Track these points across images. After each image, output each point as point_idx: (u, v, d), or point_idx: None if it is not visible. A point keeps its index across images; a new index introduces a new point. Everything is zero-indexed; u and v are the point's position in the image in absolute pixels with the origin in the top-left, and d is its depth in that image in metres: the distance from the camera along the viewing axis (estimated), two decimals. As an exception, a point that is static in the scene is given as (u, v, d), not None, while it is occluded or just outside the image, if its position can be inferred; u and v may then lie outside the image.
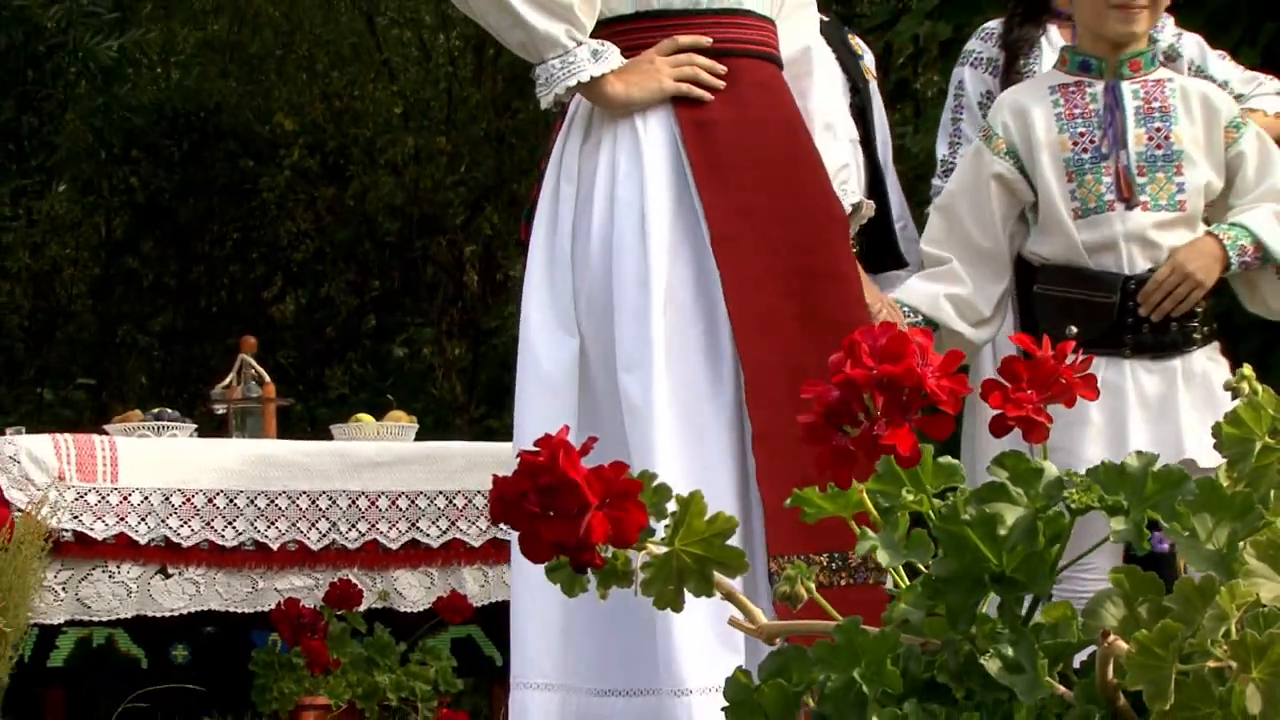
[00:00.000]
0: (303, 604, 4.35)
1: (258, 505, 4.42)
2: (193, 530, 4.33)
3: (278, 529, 4.43)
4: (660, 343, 2.61)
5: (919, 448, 1.26)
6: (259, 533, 4.41)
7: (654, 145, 2.71)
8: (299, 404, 8.83)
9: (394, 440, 4.85)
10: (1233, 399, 1.40)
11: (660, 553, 1.31)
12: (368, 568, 4.53)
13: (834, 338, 2.59)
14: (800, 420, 1.26)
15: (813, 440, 1.26)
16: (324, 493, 4.50)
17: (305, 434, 6.73)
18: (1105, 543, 1.46)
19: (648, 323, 2.61)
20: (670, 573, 1.31)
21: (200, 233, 10.44)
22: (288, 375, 9.49)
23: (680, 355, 2.63)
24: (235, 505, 4.39)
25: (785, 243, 2.71)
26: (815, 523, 2.02)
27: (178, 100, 9.90)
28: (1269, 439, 1.36)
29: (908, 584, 1.34)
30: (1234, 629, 1.18)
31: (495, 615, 4.51)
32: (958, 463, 1.37)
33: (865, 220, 3.05)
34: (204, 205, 10.24)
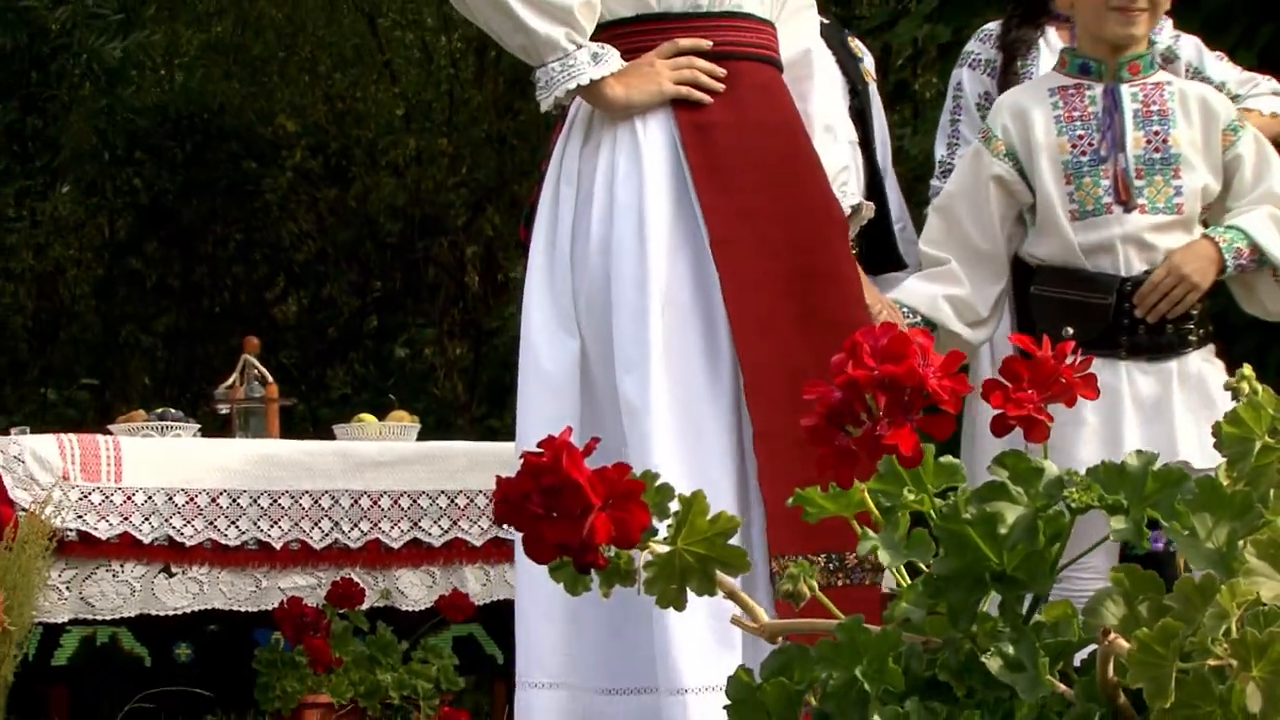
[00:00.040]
0: (305, 603, 4.35)
1: (261, 505, 4.42)
2: (196, 529, 4.33)
3: (280, 528, 4.43)
4: (658, 344, 2.61)
5: (921, 447, 1.26)
6: (262, 532, 4.41)
7: (653, 148, 2.71)
8: (301, 404, 8.83)
9: (396, 440, 4.85)
10: (1233, 399, 1.40)
11: (663, 552, 1.31)
12: (370, 567, 4.53)
13: (833, 338, 2.60)
14: (803, 421, 1.26)
15: (815, 440, 1.26)
16: (326, 492, 4.50)
17: (307, 434, 6.73)
18: (1101, 543, 1.47)
19: (645, 324, 2.61)
20: (673, 572, 1.31)
21: (203, 234, 10.44)
22: (290, 375, 9.49)
23: (679, 356, 2.63)
24: (238, 505, 4.39)
25: (784, 244, 2.71)
26: (816, 523, 2.02)
27: (181, 102, 9.90)
28: (1269, 438, 1.36)
29: (909, 583, 1.34)
30: (1234, 627, 1.18)
31: (497, 614, 4.51)
32: (959, 462, 1.37)
33: (865, 222, 3.05)
34: (207, 206, 10.24)
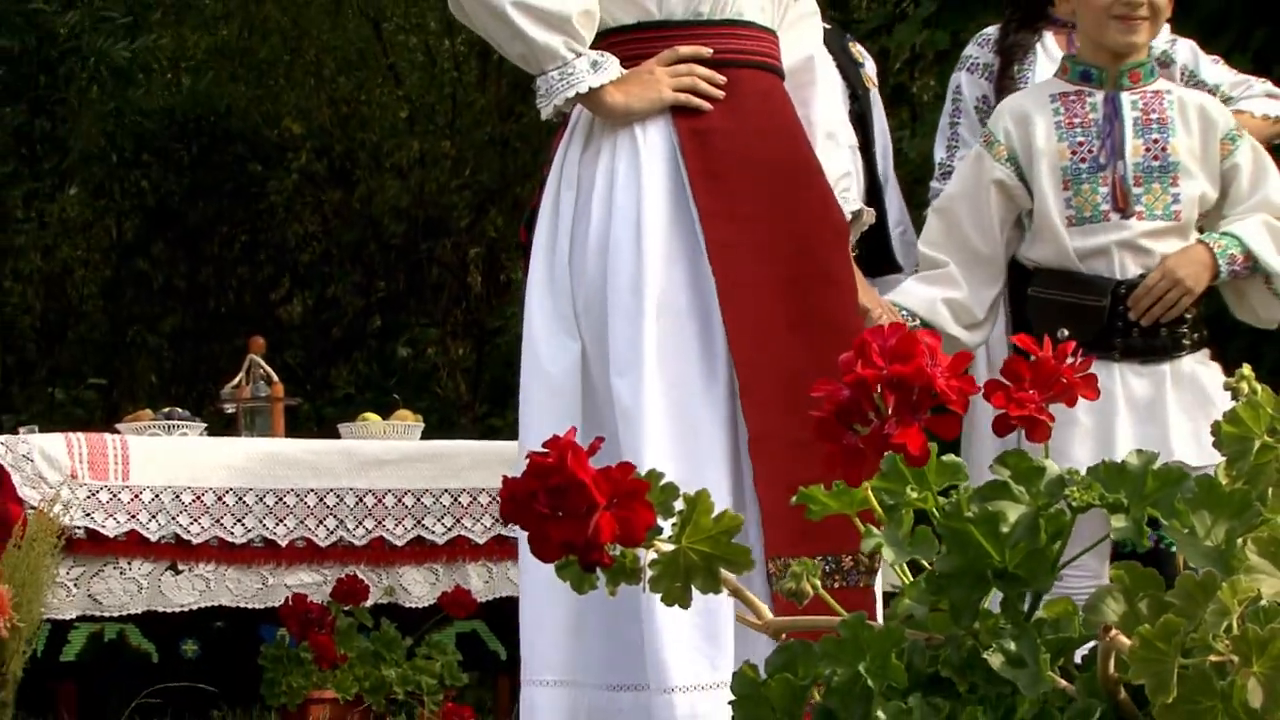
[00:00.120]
0: (311, 599, 4.35)
1: (266, 503, 4.42)
2: (202, 527, 4.33)
3: (286, 526, 4.43)
4: (652, 347, 2.61)
5: (928, 446, 1.26)
6: (268, 530, 4.41)
7: (652, 153, 2.70)
8: (306, 403, 8.83)
9: (400, 439, 4.85)
10: (1232, 399, 1.40)
11: (667, 551, 1.31)
12: (374, 564, 4.53)
13: (831, 342, 2.61)
14: (812, 418, 1.26)
15: (823, 438, 1.25)
16: (331, 490, 4.50)
17: (312, 433, 6.73)
18: (1099, 543, 1.46)
19: (640, 327, 2.61)
20: (678, 570, 1.31)
21: (209, 235, 10.44)
22: (295, 375, 9.48)
23: (674, 359, 2.63)
24: (244, 503, 4.39)
25: (782, 249, 2.70)
26: (812, 525, 2.02)
27: (188, 105, 9.90)
28: (1267, 438, 1.36)
29: (912, 580, 1.34)
30: (1235, 624, 1.18)
31: (499, 610, 4.52)
32: (961, 461, 1.37)
33: (866, 227, 3.04)
34: (213, 208, 10.24)
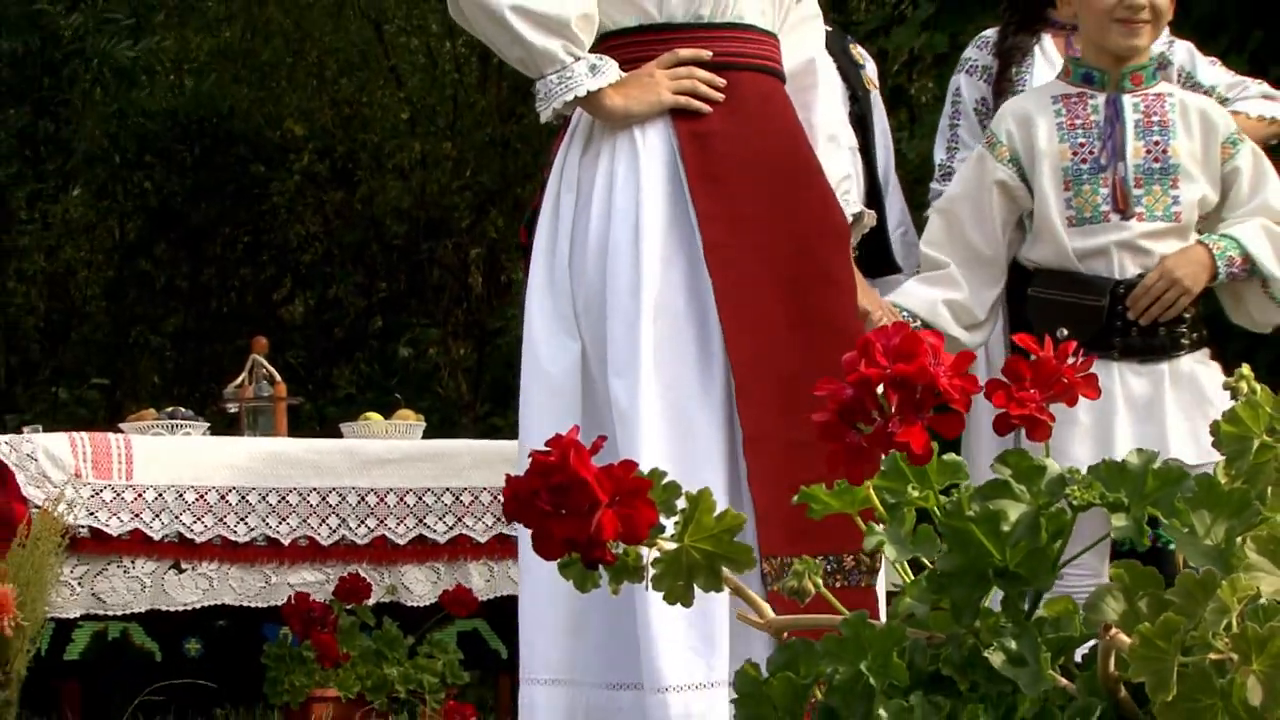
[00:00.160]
0: (313, 598, 4.35)
1: (269, 502, 4.42)
2: (206, 526, 4.33)
3: (289, 525, 4.43)
4: (649, 349, 2.60)
5: (930, 445, 1.26)
6: (270, 528, 4.41)
7: (652, 156, 2.70)
8: (308, 403, 8.83)
9: (402, 438, 4.85)
10: (1231, 398, 1.40)
11: (670, 549, 1.31)
12: (376, 563, 4.53)
13: (829, 343, 2.61)
14: (814, 418, 1.26)
15: (826, 437, 1.25)
16: (334, 489, 4.50)
17: (314, 432, 6.73)
18: (1099, 542, 1.46)
19: (637, 329, 2.61)
20: (680, 568, 1.31)
21: (212, 236, 10.44)
22: (297, 375, 9.48)
23: (671, 361, 2.62)
24: (247, 502, 4.39)
25: (781, 250, 2.70)
26: (807, 524, 2.01)
27: (191, 106, 9.90)
28: (1266, 437, 1.36)
29: (913, 579, 1.34)
30: (1235, 622, 1.18)
31: (500, 609, 4.51)
32: (962, 460, 1.37)
33: (867, 229, 3.04)
34: (216, 209, 10.24)
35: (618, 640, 2.60)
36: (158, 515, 4.27)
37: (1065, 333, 3.05)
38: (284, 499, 4.43)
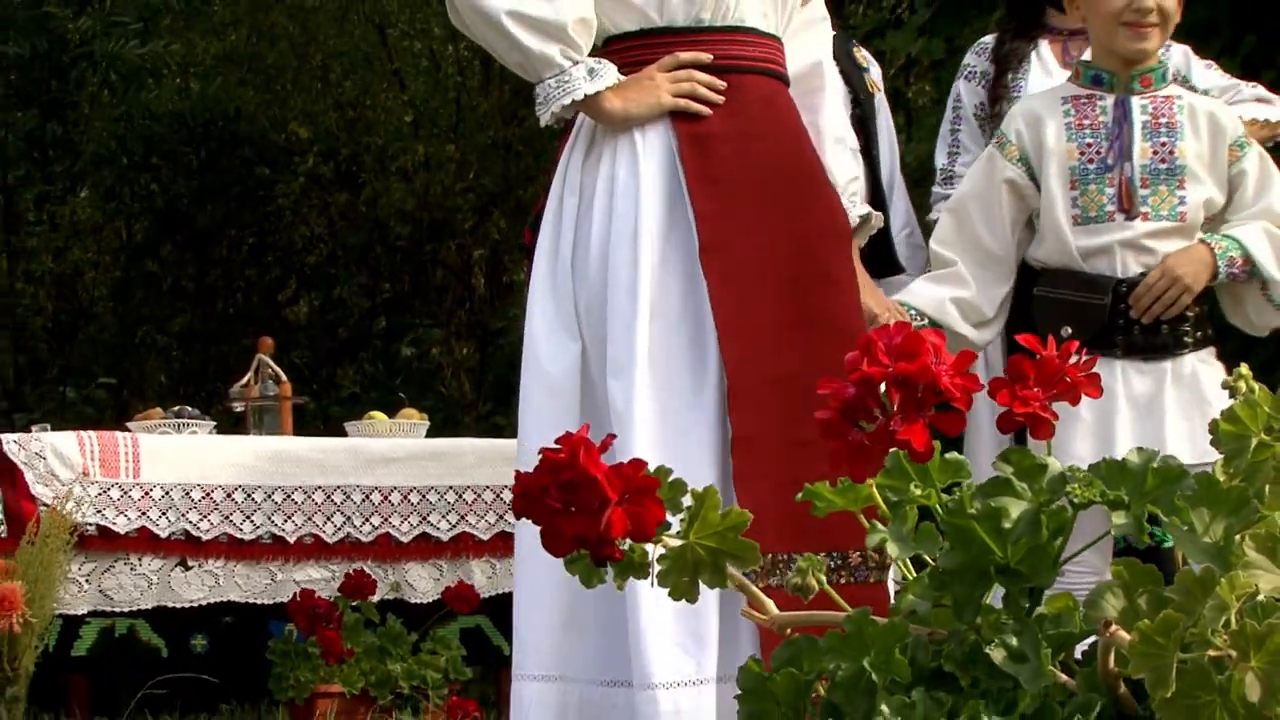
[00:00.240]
0: (318, 595, 4.35)
1: (275, 500, 4.42)
2: (212, 524, 4.33)
3: (294, 523, 4.43)
4: (644, 351, 2.59)
5: (932, 443, 1.26)
6: (276, 526, 4.41)
7: (651, 158, 2.69)
8: (312, 402, 8.82)
9: (405, 437, 4.85)
10: (1230, 397, 1.39)
11: (676, 546, 1.31)
12: (381, 560, 4.53)
13: (829, 343, 2.60)
14: (817, 415, 1.26)
15: (828, 436, 1.25)
16: (339, 487, 4.50)
17: (319, 431, 6.72)
18: (1099, 540, 1.46)
19: (634, 331, 2.60)
20: (685, 565, 1.31)
21: (218, 237, 10.44)
22: (301, 374, 9.48)
23: (664, 363, 2.61)
24: (253, 500, 4.39)
25: (781, 251, 2.68)
26: (795, 521, 2.01)
27: (197, 109, 9.90)
28: (1264, 436, 1.36)
29: (915, 576, 1.34)
30: (1234, 619, 1.18)
31: (503, 605, 4.51)
32: (964, 458, 1.36)
33: (874, 231, 3.04)
34: (221, 210, 10.24)
35: (614, 638, 2.58)
36: (164, 513, 4.28)
37: (1069, 331, 3.05)
38: (289, 497, 4.43)
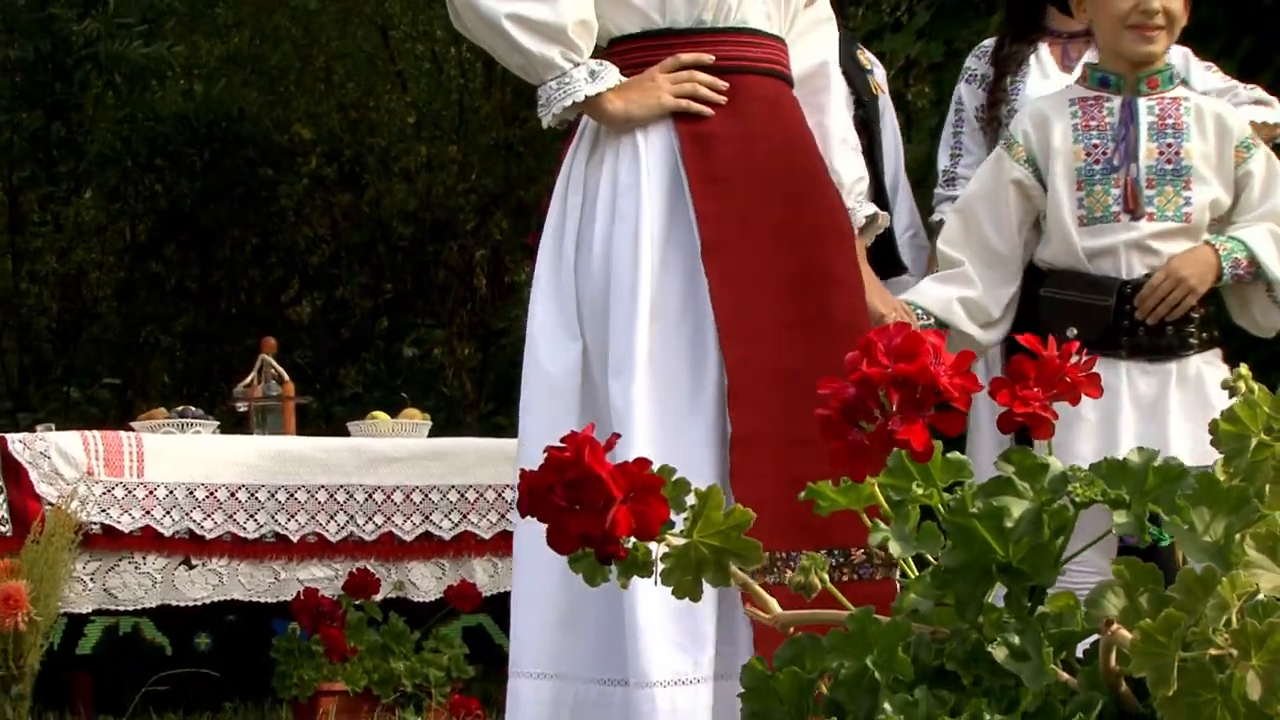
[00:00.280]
0: (322, 594, 4.35)
1: (278, 499, 4.42)
2: (216, 523, 4.34)
3: (297, 522, 4.43)
4: (644, 351, 2.59)
5: (932, 443, 1.26)
6: (279, 525, 4.41)
7: (653, 158, 2.69)
8: (315, 402, 8.82)
9: (408, 437, 4.85)
10: (1230, 397, 1.39)
11: (679, 544, 1.31)
12: (383, 559, 4.53)
13: (831, 342, 2.60)
14: (817, 414, 1.26)
15: (829, 435, 1.25)
16: (342, 487, 4.50)
17: (321, 430, 6.73)
18: (1101, 539, 1.46)
19: (634, 331, 2.60)
20: (689, 563, 1.31)
21: (221, 237, 10.44)
22: (304, 374, 9.48)
23: (663, 363, 2.61)
24: (256, 499, 4.39)
25: (783, 251, 2.68)
26: (793, 520, 2.00)
27: (201, 110, 9.90)
28: (1264, 436, 1.36)
29: (917, 575, 1.34)
30: (1235, 618, 1.18)
31: (504, 604, 4.48)
32: (966, 458, 1.36)
33: (881, 230, 3.04)
34: (225, 211, 10.24)
35: (611, 637, 2.57)
36: (168, 512, 4.28)
37: (1075, 332, 3.05)
38: (292, 496, 4.43)
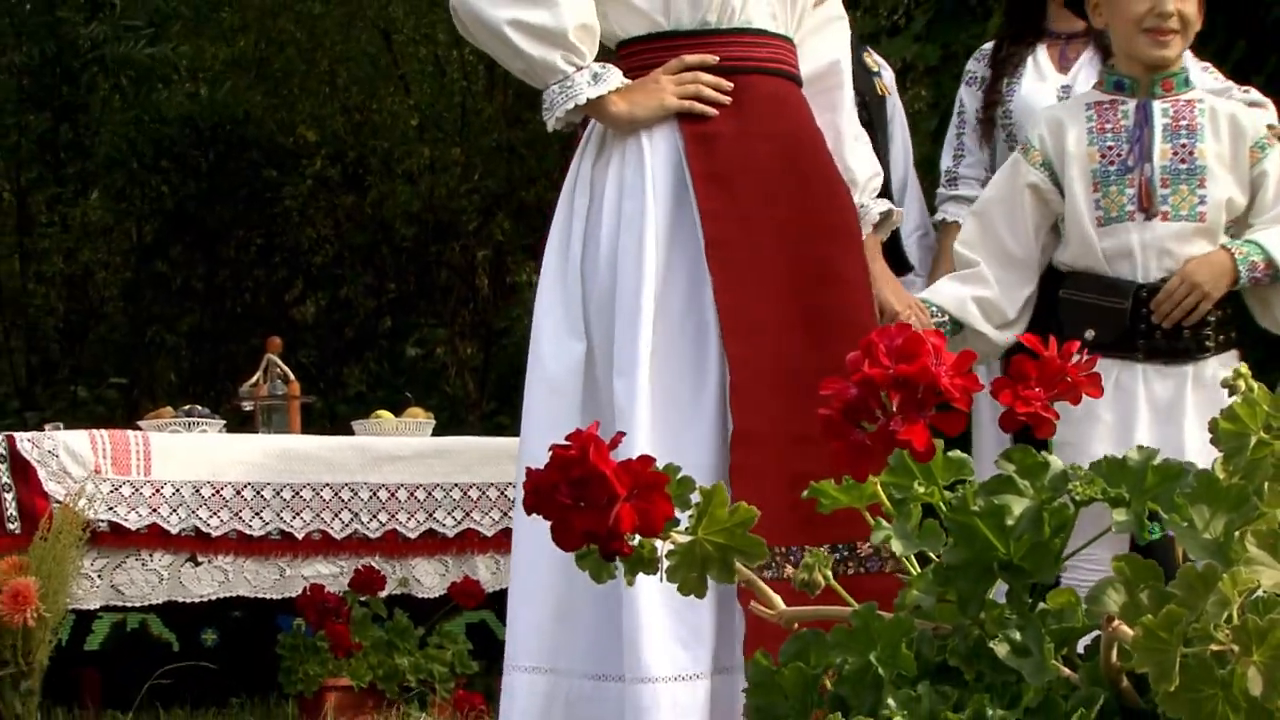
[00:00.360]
0: (327, 590, 4.35)
1: (284, 497, 4.42)
2: (222, 521, 4.33)
3: (302, 519, 4.43)
4: (647, 350, 2.58)
5: (933, 443, 1.25)
6: (285, 523, 4.41)
7: (658, 159, 2.68)
8: (320, 401, 8.82)
9: (412, 435, 4.85)
10: (1229, 396, 1.39)
11: (684, 541, 1.30)
12: (388, 556, 4.53)
13: (837, 340, 2.59)
14: (819, 414, 1.25)
15: (831, 435, 1.25)
16: (346, 485, 4.50)
17: (325, 429, 6.73)
18: (1103, 535, 1.46)
19: (638, 331, 2.59)
20: (694, 560, 1.31)
21: (226, 238, 10.44)
22: (308, 374, 9.48)
23: (667, 362, 2.60)
24: (262, 497, 4.39)
25: (787, 250, 2.67)
26: (794, 516, 2.00)
27: (206, 113, 9.90)
28: (1263, 434, 1.35)
29: (920, 572, 1.33)
30: (1236, 614, 1.18)
31: (507, 600, 4.51)
32: (967, 456, 1.36)
33: (896, 226, 3.03)
34: (230, 212, 10.24)
35: (606, 633, 2.56)
36: (175, 510, 4.28)
37: (1092, 334, 3.04)
38: (298, 494, 4.43)
